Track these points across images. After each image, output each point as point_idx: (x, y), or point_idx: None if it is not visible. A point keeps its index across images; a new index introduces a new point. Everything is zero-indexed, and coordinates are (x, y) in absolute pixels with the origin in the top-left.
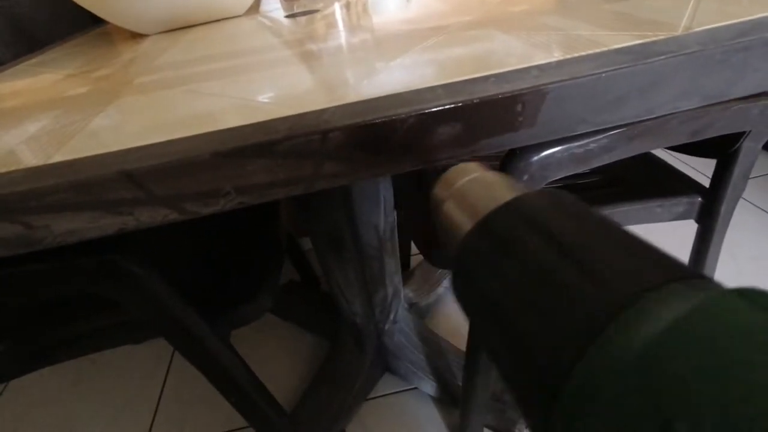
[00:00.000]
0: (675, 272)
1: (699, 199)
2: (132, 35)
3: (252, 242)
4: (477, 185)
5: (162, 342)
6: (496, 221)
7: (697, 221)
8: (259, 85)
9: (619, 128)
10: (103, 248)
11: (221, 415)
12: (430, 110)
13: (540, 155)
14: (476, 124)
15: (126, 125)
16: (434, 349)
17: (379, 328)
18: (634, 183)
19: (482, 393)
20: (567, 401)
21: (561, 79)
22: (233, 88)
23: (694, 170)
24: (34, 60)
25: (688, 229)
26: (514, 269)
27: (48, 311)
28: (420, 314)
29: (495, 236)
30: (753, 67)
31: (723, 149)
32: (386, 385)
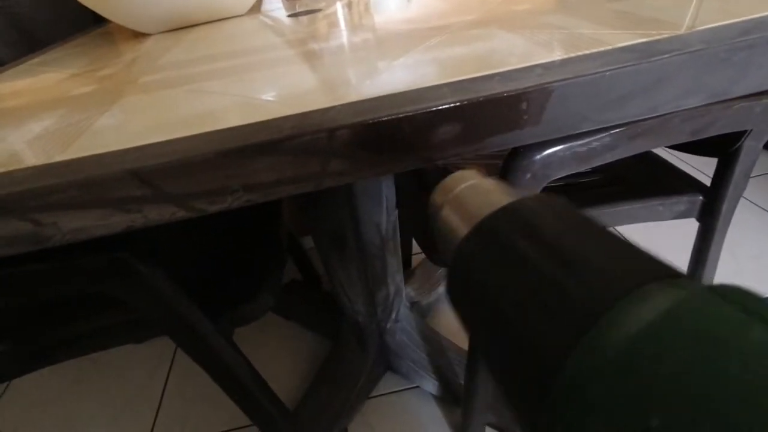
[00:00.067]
0: (656, 272)
1: (700, 198)
2: (134, 35)
3: (254, 241)
4: (474, 191)
5: (164, 341)
6: (491, 226)
7: (699, 220)
8: (263, 84)
9: (622, 127)
10: (110, 247)
11: (224, 414)
12: (436, 108)
13: (543, 154)
14: (481, 123)
15: (131, 124)
16: (436, 348)
17: (381, 327)
18: (636, 182)
19: (484, 391)
20: (554, 399)
21: (565, 78)
22: (237, 87)
23: (695, 169)
24: (37, 59)
25: (690, 228)
26: (505, 272)
27: (48, 311)
28: (421, 313)
29: (489, 240)
30: (756, 65)
31: (724, 148)
32: (388, 384)
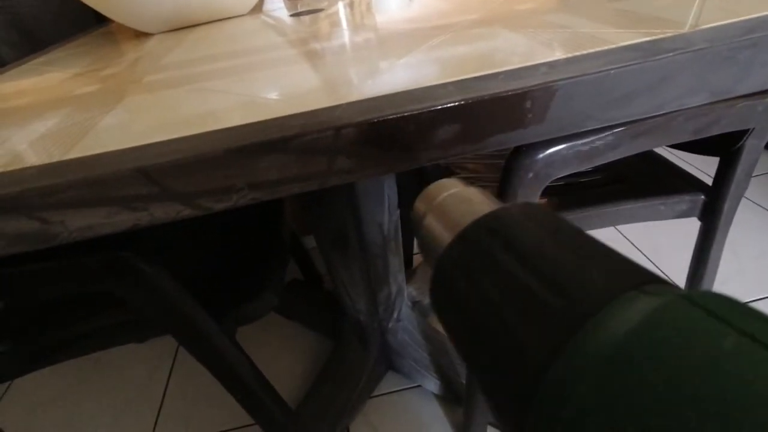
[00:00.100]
0: (639, 278)
1: (702, 197)
2: (136, 35)
3: (256, 241)
4: (456, 200)
5: (165, 340)
6: (473, 234)
7: (700, 219)
8: (266, 84)
9: (625, 125)
10: (114, 246)
11: (225, 413)
12: (441, 107)
13: (545, 152)
14: (486, 121)
15: (136, 123)
16: (437, 347)
17: (383, 326)
18: (637, 181)
19: None
20: (540, 400)
21: (570, 76)
22: (240, 87)
23: (697, 169)
24: (40, 59)
25: (691, 227)
26: (487, 281)
27: (49, 311)
28: (423, 312)
29: (471, 248)
30: (759, 64)
31: (726, 147)
32: (390, 383)
